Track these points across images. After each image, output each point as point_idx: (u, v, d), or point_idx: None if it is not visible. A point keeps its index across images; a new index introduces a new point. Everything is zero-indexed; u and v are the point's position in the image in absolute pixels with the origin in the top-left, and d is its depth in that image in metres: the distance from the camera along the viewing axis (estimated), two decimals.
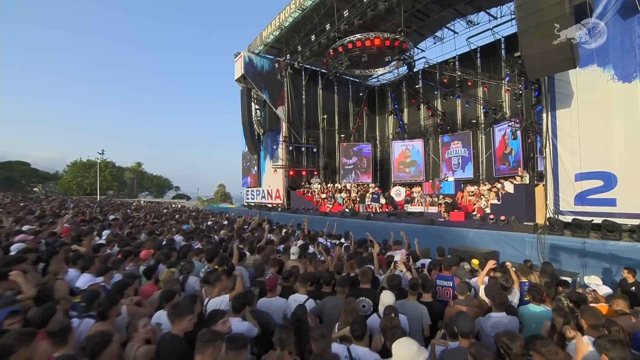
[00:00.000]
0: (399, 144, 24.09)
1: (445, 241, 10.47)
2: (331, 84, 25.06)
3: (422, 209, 18.40)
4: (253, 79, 21.85)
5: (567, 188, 9.49)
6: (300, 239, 8.74)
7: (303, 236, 9.11)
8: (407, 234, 12.03)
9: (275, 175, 23.49)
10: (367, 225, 13.60)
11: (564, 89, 9.59)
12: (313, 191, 22.25)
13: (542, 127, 10.15)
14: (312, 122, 23.97)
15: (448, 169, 21.86)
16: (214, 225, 11.74)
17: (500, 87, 19.36)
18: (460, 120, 21.73)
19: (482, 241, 9.68)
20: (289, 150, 22.68)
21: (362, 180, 24.08)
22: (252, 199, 27.40)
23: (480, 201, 16.11)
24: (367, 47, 15.36)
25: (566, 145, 9.54)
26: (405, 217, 14.59)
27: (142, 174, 69.11)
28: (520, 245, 8.89)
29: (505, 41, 19.75)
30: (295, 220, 18.75)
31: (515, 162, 17.83)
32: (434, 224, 11.32)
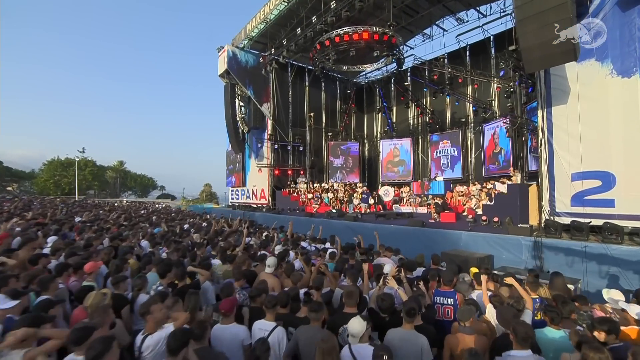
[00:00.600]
0: (387, 143, 23.58)
1: (436, 244, 9.92)
2: (318, 81, 24.37)
3: (411, 209, 17.89)
4: (237, 75, 21.00)
5: (563, 188, 9.04)
6: (282, 244, 8.05)
7: (285, 240, 8.41)
8: (396, 236, 11.51)
9: (260, 175, 22.68)
10: (355, 227, 12.98)
11: (561, 85, 9.13)
12: (299, 191, 21.55)
13: (537, 124, 9.67)
14: (298, 120, 23.26)
15: (437, 169, 21.45)
16: (192, 227, 10.91)
17: (490, 85, 19.04)
18: (450, 119, 21.35)
19: (475, 244, 9.15)
20: (275, 149, 21.92)
21: (350, 180, 23.48)
22: (237, 199, 26.53)
23: (470, 201, 15.70)
24: (355, 41, 14.74)
25: (562, 143, 9.09)
26: (394, 219, 14.03)
27: (125, 173, 66.99)
28: (516, 249, 8.38)
29: (494, 39, 19.46)
30: (279, 222, 18.07)
31: (505, 161, 17.50)
32: (425, 225, 10.77)
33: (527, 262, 8.13)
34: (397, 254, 7.04)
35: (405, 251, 9.53)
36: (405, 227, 11.04)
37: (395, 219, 13.96)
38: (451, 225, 11.72)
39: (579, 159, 8.75)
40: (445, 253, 8.50)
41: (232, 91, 21.48)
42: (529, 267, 8.08)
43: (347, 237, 13.23)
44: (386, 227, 11.71)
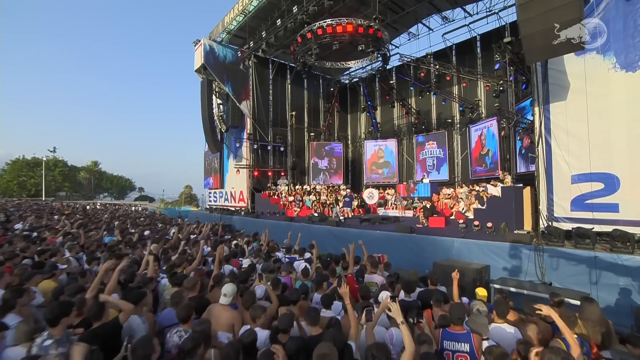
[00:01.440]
0: (371, 144, 22.81)
1: (426, 253, 9.10)
2: (300, 79, 23.40)
3: (397, 212, 17.12)
4: (214, 70, 19.78)
5: (562, 191, 8.35)
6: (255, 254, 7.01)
7: (258, 250, 7.36)
8: (382, 243, 10.60)
9: (239, 176, 21.49)
10: (338, 232, 12.07)
11: (559, 80, 8.47)
12: (279, 193, 20.48)
13: (534, 122, 8.98)
14: (279, 119, 22.20)
15: (423, 171, 20.81)
16: (155, 234, 9.70)
17: (477, 85, 18.54)
18: (435, 119, 20.75)
19: (469, 253, 8.36)
20: (254, 149, 20.80)
21: (333, 182, 22.57)
22: (215, 202, 25.20)
23: (457, 205, 15.04)
24: (338, 33, 13.85)
25: (561, 142, 8.41)
26: (380, 223, 13.19)
27: (100, 174, 63.96)
28: (515, 258, 7.62)
29: (481, 39, 19.01)
30: (258, 227, 16.96)
31: (493, 163, 16.97)
32: (413, 231, 9.93)
33: (528, 273, 7.37)
34: (388, 269, 6.09)
35: (392, 260, 8.66)
36: (392, 234, 10.18)
37: (380, 224, 13.12)
38: (440, 230, 10.94)
39: (580, 159, 8.09)
40: (438, 264, 7.65)
41: (209, 87, 20.22)
42: (529, 278, 7.34)
43: (329, 245, 12.32)
44: (371, 233, 10.83)
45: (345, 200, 15.63)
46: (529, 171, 14.31)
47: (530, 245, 7.48)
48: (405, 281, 4.36)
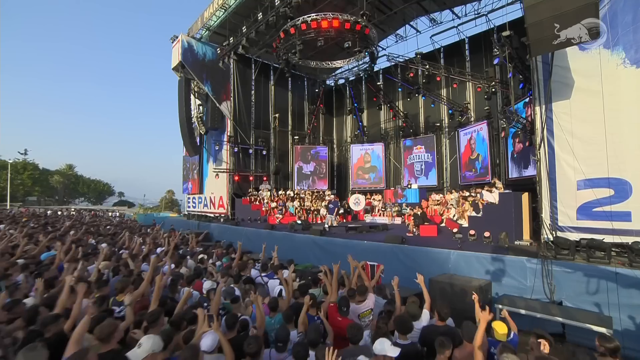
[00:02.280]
0: (357, 148, 22.01)
1: (420, 266, 8.19)
2: (284, 80, 22.47)
3: (385, 220, 16.28)
4: (193, 68, 18.63)
5: (567, 198, 7.63)
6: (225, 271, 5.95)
7: (227, 267, 6.31)
8: (370, 255, 9.65)
9: (218, 181, 20.28)
10: (322, 242, 11.11)
11: (562, 77, 7.79)
12: (261, 199, 19.38)
13: (535, 124, 8.27)
14: (262, 121, 21.18)
15: (410, 176, 20.12)
16: (113, 247, 8.50)
17: (466, 89, 18.03)
18: (423, 123, 20.15)
19: (468, 267, 7.52)
20: (234, 152, 19.65)
21: (318, 187, 21.62)
22: (194, 208, 23.85)
23: (448, 211, 14.32)
24: (323, 29, 13.02)
25: (565, 145, 7.71)
26: (367, 232, 12.28)
27: (76, 178, 60.90)
28: (519, 273, 6.81)
29: (469, 41, 18.55)
30: (236, 235, 15.83)
31: (483, 168, 16.39)
32: (405, 242, 9.03)
33: (534, 290, 6.56)
34: (383, 292, 5.14)
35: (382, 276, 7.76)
36: (382, 244, 9.28)
37: (368, 232, 12.22)
38: (432, 240, 10.11)
39: (586, 163, 7.40)
40: (435, 281, 6.78)
41: (187, 86, 19.06)
42: (535, 296, 6.53)
43: (312, 256, 11.35)
44: (358, 244, 9.92)
45: (329, 207, 14.68)
46: (522, 177, 13.74)
47: (536, 258, 6.69)
48: (400, 321, 3.38)
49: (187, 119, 18.84)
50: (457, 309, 6.28)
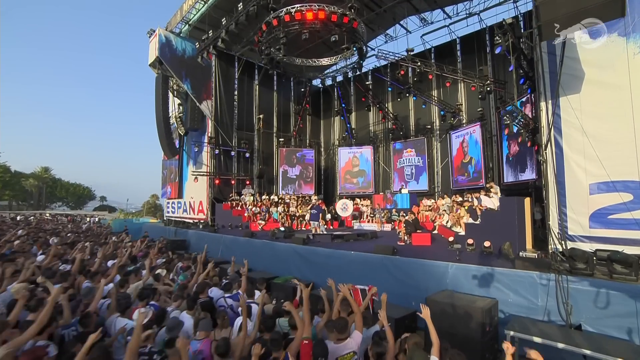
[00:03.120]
0: (345, 151, 21.08)
1: (414, 281, 7.25)
2: (270, 79, 21.52)
3: (374, 226, 15.32)
4: (171, 65, 17.49)
5: (578, 204, 6.79)
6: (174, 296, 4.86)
7: (183, 287, 5.20)
8: (358, 267, 8.67)
9: (198, 185, 19.07)
10: (304, 252, 10.07)
11: (571, 68, 6.97)
12: (244, 204, 18.24)
13: (541, 121, 7.44)
14: (245, 122, 20.08)
15: (400, 180, 19.28)
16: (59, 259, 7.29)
17: (457, 90, 17.35)
18: (414, 125, 19.39)
19: (468, 283, 6.57)
20: (215, 155, 18.50)
21: (304, 192, 20.56)
22: (173, 213, 22.52)
23: (440, 217, 13.45)
24: (308, 21, 12.10)
25: (576, 144, 6.88)
26: (355, 240, 11.29)
27: (53, 182, 58.19)
28: (529, 291, 5.89)
29: (460, 42, 17.94)
30: (215, 243, 14.65)
31: (476, 172, 15.64)
32: (396, 253, 8.06)
33: (547, 311, 5.64)
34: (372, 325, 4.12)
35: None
36: (370, 256, 8.27)
37: (356, 241, 11.23)
38: (426, 250, 9.16)
39: (600, 165, 6.56)
40: (433, 300, 5.80)
41: (165, 84, 17.91)
42: (550, 318, 5.62)
43: (294, 267, 10.27)
44: (344, 255, 8.92)
45: (312, 213, 13.66)
46: (519, 181, 12.99)
47: (548, 273, 5.78)
48: None
49: (164, 118, 17.64)
50: (459, 335, 5.33)
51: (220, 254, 13.91)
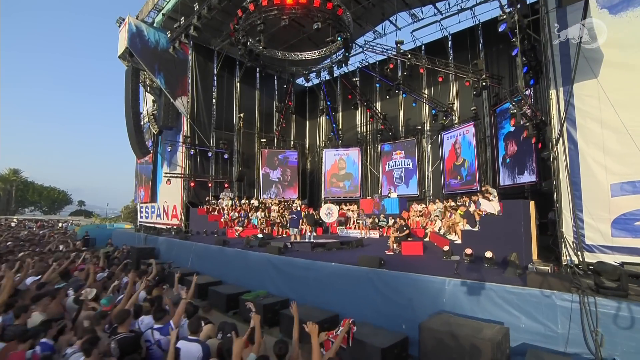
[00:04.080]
0: (331, 153, 19.95)
1: (405, 300, 6.10)
2: (252, 77, 20.33)
3: (360, 233, 14.15)
4: (142, 57, 16.11)
5: (597, 208, 5.74)
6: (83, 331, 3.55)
7: (100, 317, 3.88)
8: (341, 283, 7.41)
9: (173, 188, 17.62)
10: (280, 263, 8.82)
11: (587, 50, 5.97)
12: (221, 209, 16.88)
13: (550, 112, 6.40)
14: (224, 121, 18.82)
15: (389, 184, 18.22)
16: None
17: (449, 89, 16.45)
18: (403, 126, 18.40)
19: (469, 302, 5.43)
20: (191, 155, 17.15)
21: (287, 196, 19.30)
22: (147, 218, 20.97)
23: (432, 224, 12.37)
24: (288, 5, 10.96)
25: (593, 138, 5.86)
26: (338, 249, 10.08)
27: (25, 185, 55.08)
28: (546, 315, 4.76)
29: (452, 39, 17.12)
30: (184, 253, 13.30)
31: (469, 175, 14.65)
32: (384, 265, 6.87)
33: (571, 341, 4.51)
34: None
35: (353, 312, 5.67)
36: (354, 268, 7.06)
37: (339, 250, 10.03)
38: (418, 261, 8.02)
39: (623, 161, 5.56)
40: (427, 328, 4.62)
41: (135, 78, 16.55)
42: (573, 349, 4.49)
43: (269, 280, 9.05)
44: (324, 267, 7.70)
45: (292, 219, 12.42)
46: (516, 184, 12.01)
47: (570, 292, 4.66)
48: None
49: (133, 114, 16.23)
50: None
51: (190, 264, 12.55)
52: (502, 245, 6.96)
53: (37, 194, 53.85)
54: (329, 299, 7.39)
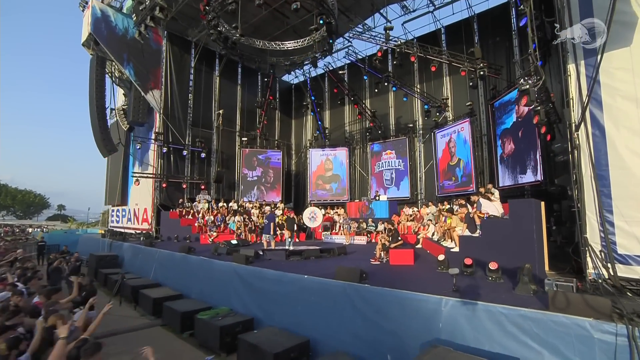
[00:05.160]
0: (317, 153, 18.67)
1: (391, 325, 4.80)
2: (233, 71, 19.06)
3: (344, 239, 12.88)
4: (108, 45, 14.72)
5: (632, 208, 4.56)
6: None
7: None
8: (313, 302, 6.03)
9: (144, 189, 16.17)
10: (246, 275, 7.50)
11: (618, 14, 4.79)
12: (197, 212, 15.46)
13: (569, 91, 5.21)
14: (202, 118, 17.48)
15: (379, 186, 16.99)
16: None
17: (442, 84, 15.36)
18: (394, 124, 17.24)
19: (474, 330, 4.16)
20: (163, 154, 15.74)
21: (269, 199, 17.93)
22: (118, 223, 19.42)
23: (425, 229, 11.14)
24: None
25: (626, 121, 4.69)
26: (317, 258, 8.77)
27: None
28: (580, 351, 3.51)
29: (446, 31, 16.05)
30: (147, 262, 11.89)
31: (465, 176, 13.51)
32: (366, 279, 5.59)
33: None
34: None
35: (327, 338, 4.43)
36: (329, 282, 5.76)
37: (318, 259, 8.71)
38: (408, 272, 6.75)
39: None
40: None
41: (101, 68, 15.14)
42: None
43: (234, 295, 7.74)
44: (296, 280, 6.41)
45: (265, 224, 11.07)
46: (518, 184, 10.84)
47: (611, 321, 3.41)
48: None
49: (98, 108, 14.79)
50: None
51: (152, 274, 11.13)
52: (508, 254, 5.74)
53: (10, 198, 51.24)
54: (301, 319, 6.10)
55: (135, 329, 7.53)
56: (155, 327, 7.71)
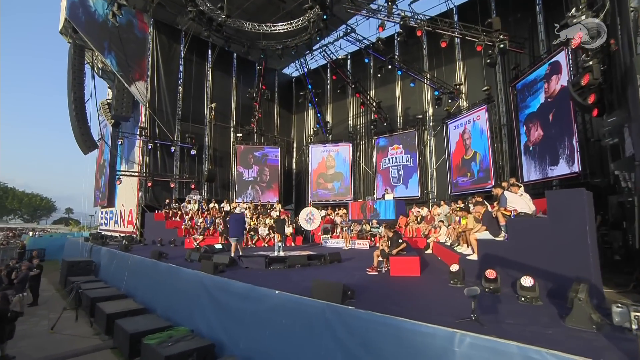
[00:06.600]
0: (318, 149, 17.19)
1: None
2: (228, 63, 17.83)
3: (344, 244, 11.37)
4: (87, 32, 13.62)
5: None
6: None
7: None
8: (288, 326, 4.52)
9: (129, 189, 15.00)
10: (212, 288, 6.07)
11: None
12: (185, 213, 14.18)
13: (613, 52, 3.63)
14: (192, 112, 16.26)
15: (385, 184, 15.39)
16: None
17: (455, 69, 13.75)
18: (402, 116, 15.67)
19: None
20: (149, 150, 14.54)
21: (265, 199, 16.52)
22: (106, 225, 18.35)
23: (436, 231, 9.56)
24: None
25: None
26: (303, 266, 7.27)
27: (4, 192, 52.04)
28: None
29: (458, 11, 14.43)
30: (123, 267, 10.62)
31: (482, 171, 11.85)
32: (352, 298, 4.08)
33: None
34: None
35: None
36: (305, 301, 4.28)
37: (304, 267, 7.23)
38: (412, 287, 5.21)
39: None
40: None
41: (80, 57, 14.02)
42: None
43: (198, 311, 6.33)
44: (265, 297, 4.96)
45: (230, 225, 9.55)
46: (549, 177, 9.14)
47: None
48: None
49: (76, 100, 13.69)
50: None
51: (125, 283, 9.83)
52: (548, 266, 4.14)
53: (17, 201, 51.18)
54: (270, 347, 4.65)
55: (78, 353, 6.19)
56: (104, 350, 6.37)
